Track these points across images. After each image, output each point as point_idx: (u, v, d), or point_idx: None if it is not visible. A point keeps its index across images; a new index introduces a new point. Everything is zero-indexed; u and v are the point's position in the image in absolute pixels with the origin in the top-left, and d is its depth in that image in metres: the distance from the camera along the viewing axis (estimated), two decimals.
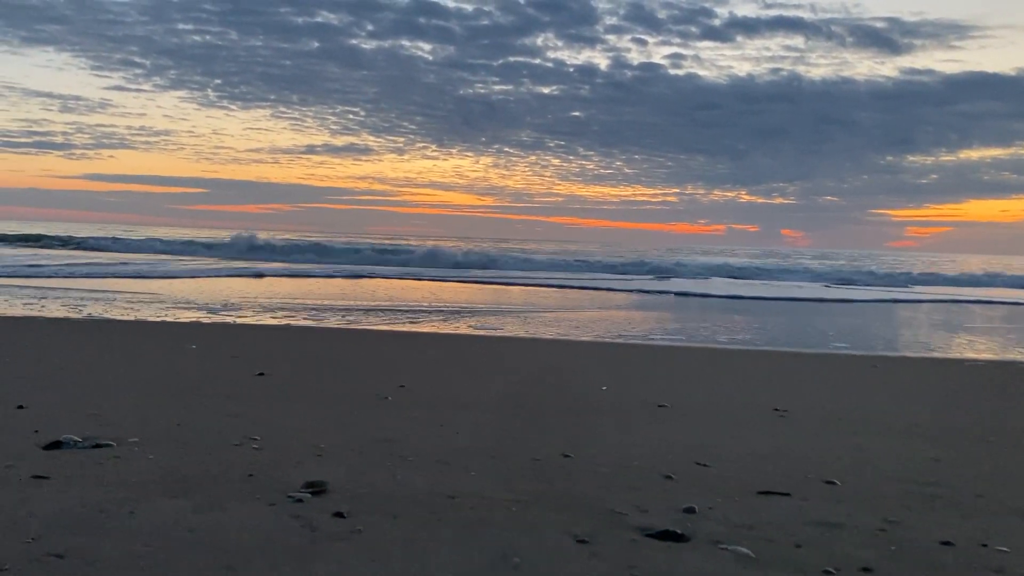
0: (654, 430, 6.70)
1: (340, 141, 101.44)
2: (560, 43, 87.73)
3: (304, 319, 15.51)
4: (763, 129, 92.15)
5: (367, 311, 17.58)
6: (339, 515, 4.05)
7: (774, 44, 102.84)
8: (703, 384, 9.46)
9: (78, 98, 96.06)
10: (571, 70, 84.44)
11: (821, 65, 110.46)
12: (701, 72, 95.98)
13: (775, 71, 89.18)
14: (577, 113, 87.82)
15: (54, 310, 15.19)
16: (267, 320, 15.18)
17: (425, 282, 29.09)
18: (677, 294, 27.01)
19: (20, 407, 6.47)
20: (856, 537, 4.13)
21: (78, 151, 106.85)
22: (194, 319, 14.70)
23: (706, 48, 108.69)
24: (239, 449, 5.38)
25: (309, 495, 4.35)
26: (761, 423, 7.20)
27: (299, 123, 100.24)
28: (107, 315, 14.79)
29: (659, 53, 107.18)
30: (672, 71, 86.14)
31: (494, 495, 4.54)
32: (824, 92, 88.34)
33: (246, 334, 13.21)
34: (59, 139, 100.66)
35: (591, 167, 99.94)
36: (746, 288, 30.51)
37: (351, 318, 16.04)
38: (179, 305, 17.10)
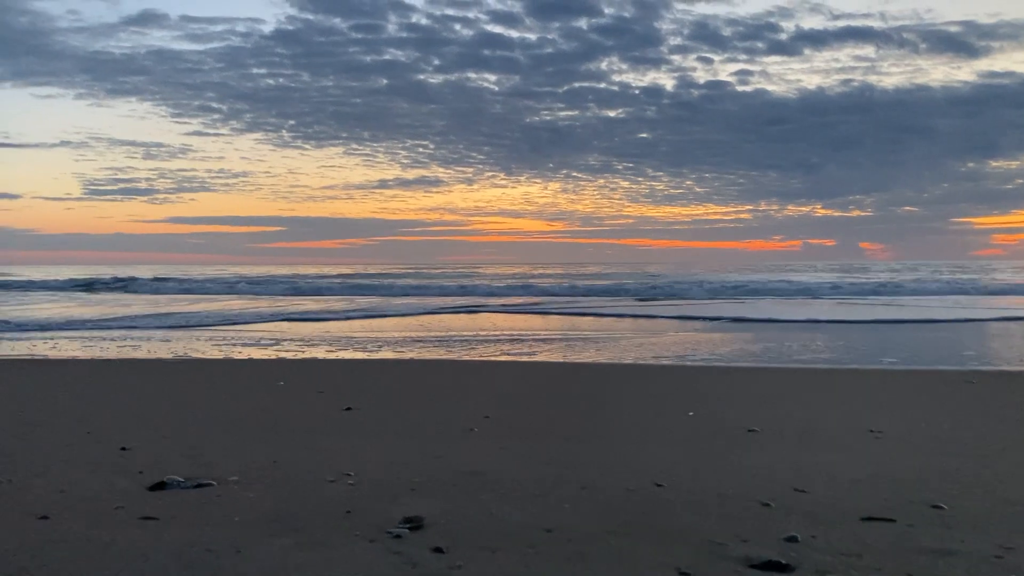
0: (746, 456, 6.58)
1: (411, 174, 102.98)
2: (624, 66, 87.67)
3: (387, 351, 15.72)
4: (836, 141, 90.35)
5: (440, 342, 17.73)
6: (438, 550, 4.07)
7: (843, 55, 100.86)
8: (792, 406, 9.24)
9: (160, 145, 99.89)
10: (637, 92, 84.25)
11: (894, 74, 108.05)
12: (769, 87, 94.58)
13: (846, 82, 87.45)
14: (644, 134, 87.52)
15: (150, 350, 15.73)
16: (350, 354, 15.43)
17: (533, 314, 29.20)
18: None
19: (123, 448, 6.70)
20: (971, 565, 3.97)
21: (161, 195, 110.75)
22: (279, 355, 15.05)
23: (773, 63, 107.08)
24: (335, 485, 5.46)
25: (407, 530, 4.40)
26: (856, 445, 7.00)
27: (371, 159, 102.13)
28: (195, 354, 15.25)
29: (725, 70, 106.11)
30: (740, 88, 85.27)
31: (591, 528, 4.52)
32: (898, 101, 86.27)
33: (331, 369, 13.45)
34: (143, 185, 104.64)
35: (661, 187, 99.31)
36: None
37: (429, 349, 16.20)
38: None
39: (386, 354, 15.41)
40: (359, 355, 15.28)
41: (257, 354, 15.30)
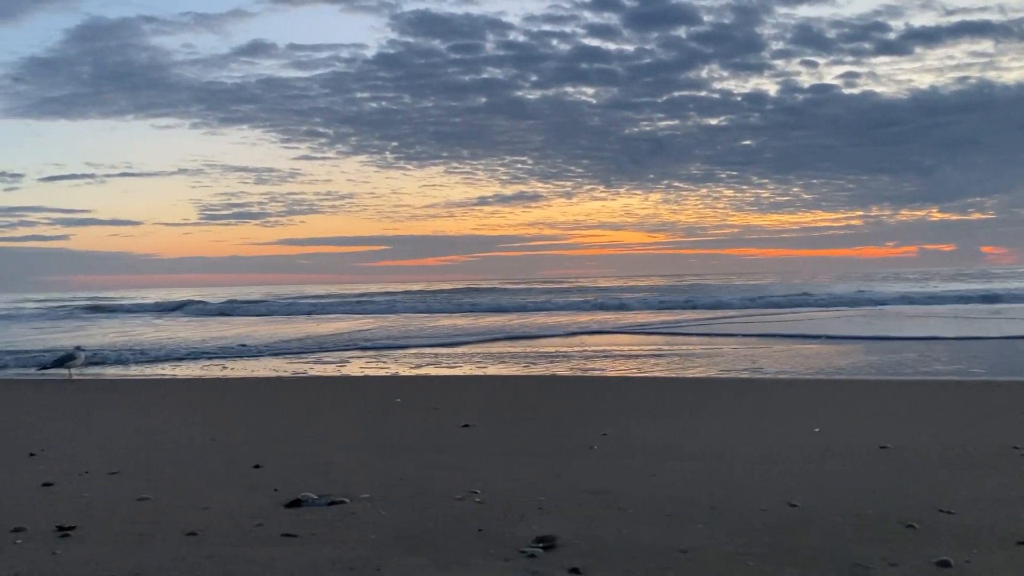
0: (882, 474, 6.31)
1: (510, 190, 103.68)
2: (725, 73, 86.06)
3: (499, 368, 15.82)
4: (952, 142, 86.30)
5: (549, 358, 17.72)
6: (575, 571, 4.05)
7: (958, 52, 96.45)
8: (924, 421, 8.85)
9: (270, 170, 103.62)
10: (739, 99, 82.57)
11: (1014, 69, 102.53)
12: (878, 89, 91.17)
13: (961, 80, 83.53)
14: (748, 142, 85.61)
15: (273, 369, 16.30)
16: (462, 371, 15.60)
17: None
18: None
19: (256, 466, 6.93)
20: None
21: (272, 218, 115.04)
22: (394, 372, 15.35)
23: (882, 64, 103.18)
24: (463, 503, 5.51)
25: (541, 550, 4.39)
26: (1000, 463, 6.63)
27: (471, 176, 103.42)
28: (312, 372, 15.70)
29: (831, 73, 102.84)
30: (846, 91, 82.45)
31: (726, 549, 4.41)
32: (1020, 97, 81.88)
33: (443, 385, 13.64)
34: (255, 209, 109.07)
35: (766, 195, 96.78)
36: None
37: (546, 365, 16.22)
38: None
39: (497, 370, 15.51)
40: (470, 371, 15.43)
41: (373, 372, 15.64)
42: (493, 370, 15.54)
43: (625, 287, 56.59)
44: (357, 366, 16.67)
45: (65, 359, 15.59)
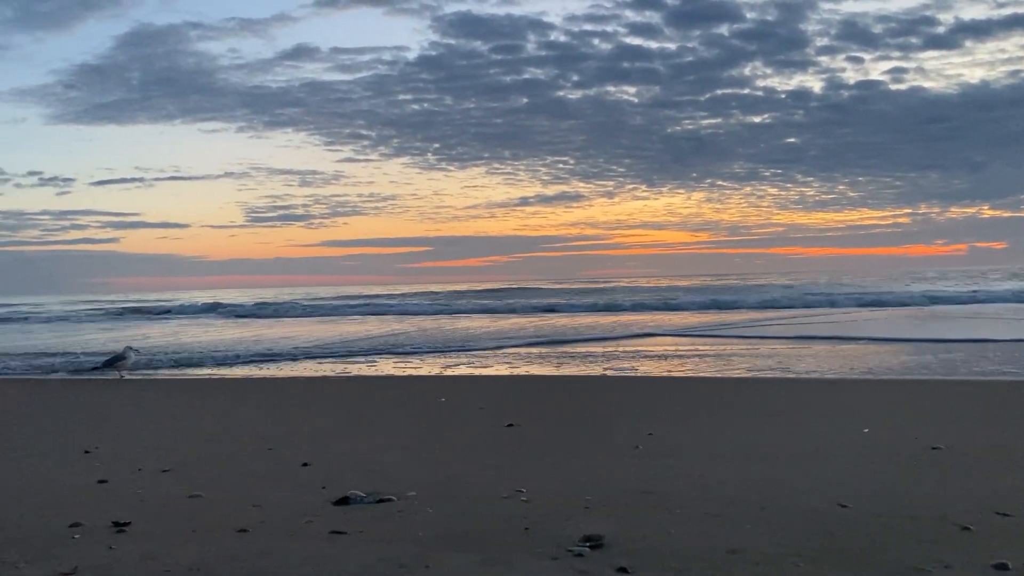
0: (934, 475, 6.20)
1: (551, 190, 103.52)
2: (769, 70, 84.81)
3: (543, 368, 15.83)
4: (1004, 137, 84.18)
5: (594, 358, 17.68)
6: (623, 570, 4.04)
7: (1010, 44, 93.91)
8: (976, 422, 8.66)
9: (315, 172, 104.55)
10: (783, 96, 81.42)
11: None
12: (926, 84, 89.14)
13: (1014, 73, 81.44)
14: (792, 139, 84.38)
15: (318, 369, 16.49)
16: (506, 370, 15.63)
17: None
18: None
19: (305, 464, 7.02)
20: None
21: (316, 220, 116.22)
22: (438, 372, 15.43)
23: (930, 58, 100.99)
24: (509, 502, 5.52)
25: (588, 549, 4.39)
26: None
27: (512, 177, 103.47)
28: (357, 372, 15.85)
29: (877, 69, 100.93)
30: (893, 86, 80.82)
31: (776, 550, 4.36)
32: None
33: (487, 385, 13.67)
34: (300, 211, 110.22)
35: (811, 193, 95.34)
36: None
37: (590, 365, 16.19)
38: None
39: (542, 370, 15.51)
40: (514, 371, 15.45)
41: (417, 371, 15.74)
42: (537, 370, 15.54)
43: (669, 287, 56.10)
44: (400, 366, 16.79)
45: (116, 359, 15.93)
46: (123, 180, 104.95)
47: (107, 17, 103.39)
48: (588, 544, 4.46)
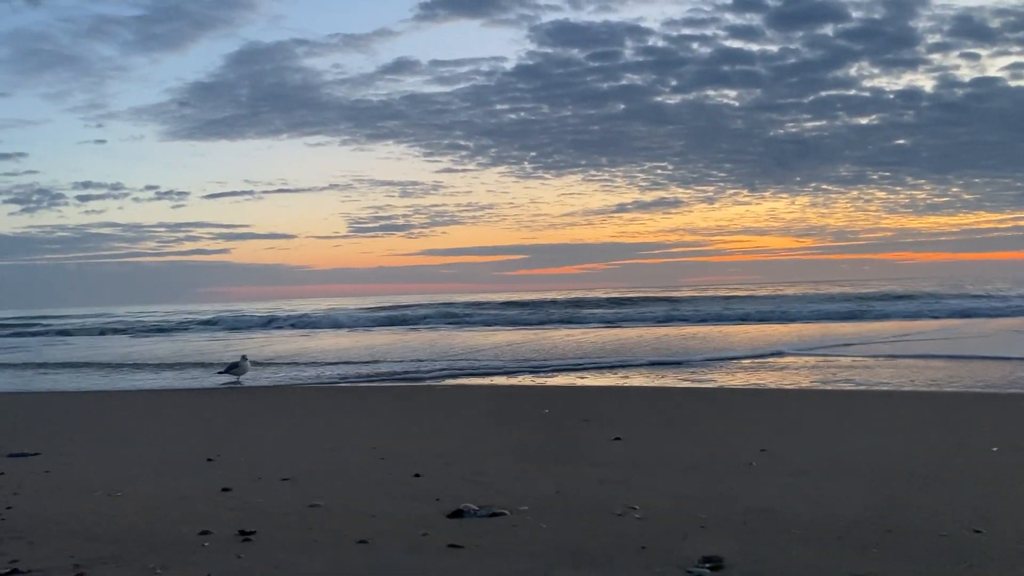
0: None
1: (649, 197, 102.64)
2: (876, 70, 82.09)
3: (646, 379, 15.68)
4: None
5: (703, 367, 17.38)
6: None
7: None
8: None
9: (414, 183, 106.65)
10: (891, 96, 78.57)
11: None
12: None
13: None
14: (902, 141, 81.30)
15: (422, 378, 16.75)
16: (606, 381, 15.54)
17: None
18: None
19: (416, 475, 7.14)
20: None
21: (416, 230, 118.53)
22: (541, 382, 15.46)
23: None
24: (622, 519, 5.48)
25: (708, 570, 4.32)
26: None
27: (609, 184, 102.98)
28: (461, 382, 16.02)
29: (995, 65, 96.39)
30: (1013, 83, 76.89)
31: None
32: None
33: (592, 396, 13.62)
34: (400, 221, 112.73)
35: (922, 196, 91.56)
36: None
37: (697, 376, 15.95)
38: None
39: (645, 380, 15.36)
40: (617, 382, 15.35)
41: (518, 382, 15.81)
42: (640, 381, 15.39)
43: (776, 295, 54.34)
44: (501, 376, 16.89)
45: (232, 367, 16.58)
46: (233, 193, 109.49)
47: (218, 37, 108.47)
48: (708, 565, 4.39)
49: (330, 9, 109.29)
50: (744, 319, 36.80)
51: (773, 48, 79.55)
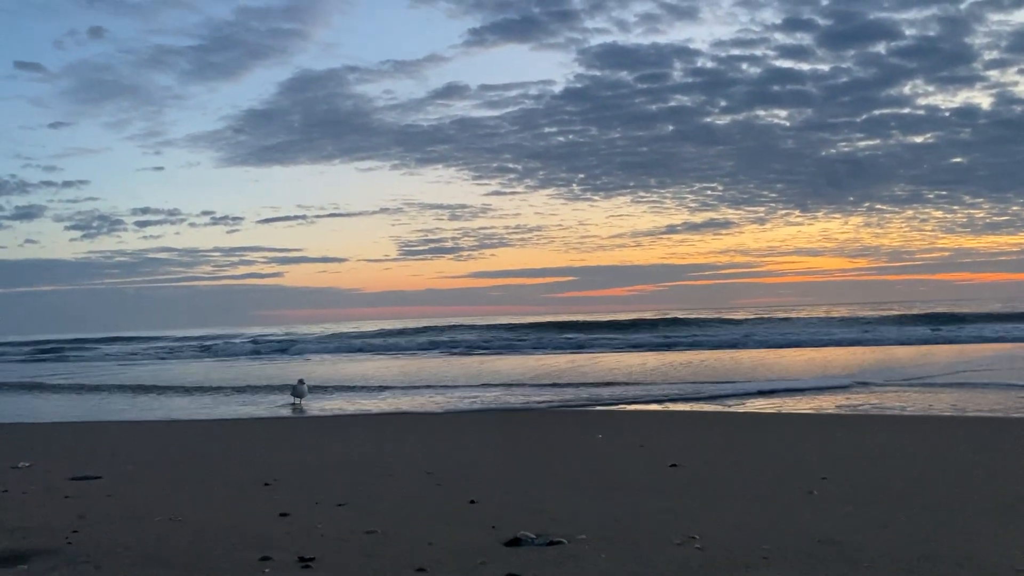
0: None
1: (699, 218, 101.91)
2: (931, 88, 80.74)
3: (700, 405, 15.48)
4: None
5: (759, 394, 17.11)
6: None
7: None
8: None
9: (463, 206, 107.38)
10: (947, 114, 77.02)
11: None
12: None
13: None
14: (958, 159, 79.59)
15: (473, 402, 16.76)
16: (663, 406, 15.38)
17: None
18: None
19: (472, 501, 7.11)
20: None
21: (465, 253, 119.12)
22: (592, 407, 15.36)
23: None
24: (682, 549, 5.39)
25: None
26: None
27: (658, 205, 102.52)
28: (511, 405, 15.99)
29: None
30: None
31: None
32: None
33: (646, 421, 13.49)
34: (449, 244, 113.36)
35: (981, 215, 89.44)
36: None
37: (758, 402, 15.71)
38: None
39: (699, 406, 15.17)
40: (671, 407, 15.18)
41: (570, 407, 15.73)
42: (695, 406, 15.20)
43: (833, 317, 53.17)
44: (554, 400, 16.82)
45: (289, 391, 16.81)
46: (287, 217, 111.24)
47: (272, 65, 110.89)
48: None
49: (381, 36, 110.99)
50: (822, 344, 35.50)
51: (824, 67, 78.60)
